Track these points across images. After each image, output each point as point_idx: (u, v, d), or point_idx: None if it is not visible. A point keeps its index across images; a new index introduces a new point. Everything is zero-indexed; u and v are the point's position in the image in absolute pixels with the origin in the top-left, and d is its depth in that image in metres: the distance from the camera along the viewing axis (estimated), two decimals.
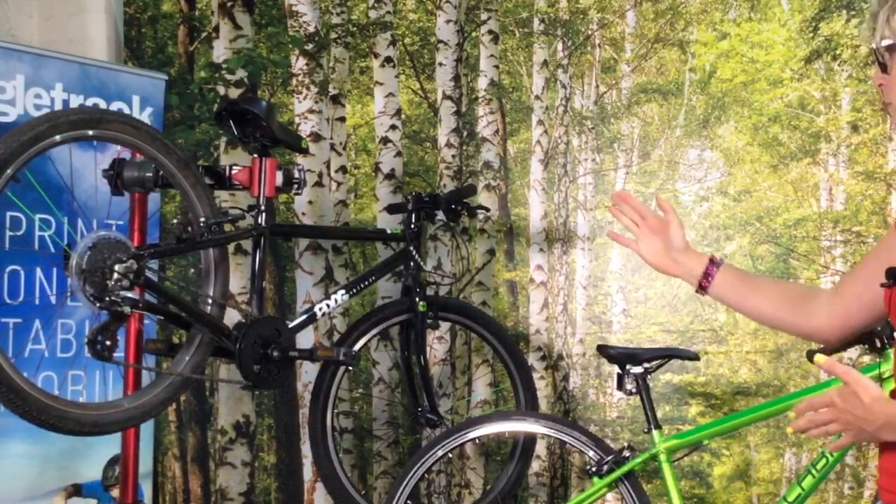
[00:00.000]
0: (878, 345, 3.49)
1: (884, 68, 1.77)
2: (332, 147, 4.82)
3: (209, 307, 2.93)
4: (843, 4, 4.87)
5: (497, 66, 5.20)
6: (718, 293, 2.11)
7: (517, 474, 3.71)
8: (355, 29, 4.95)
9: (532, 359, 5.03)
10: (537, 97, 5.24)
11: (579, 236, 5.27)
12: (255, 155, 3.08)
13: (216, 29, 4.61)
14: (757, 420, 3.33)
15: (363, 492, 4.27)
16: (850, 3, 4.86)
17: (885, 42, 1.74)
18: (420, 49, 5.19)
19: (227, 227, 2.97)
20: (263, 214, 3.07)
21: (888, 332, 3.42)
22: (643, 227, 2.22)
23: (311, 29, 4.77)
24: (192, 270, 4.37)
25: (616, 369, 3.47)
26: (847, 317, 1.97)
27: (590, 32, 5.32)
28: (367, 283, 3.52)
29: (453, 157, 5.06)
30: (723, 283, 2.10)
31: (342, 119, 4.89)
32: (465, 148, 5.10)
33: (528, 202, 5.23)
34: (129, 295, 2.58)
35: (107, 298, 2.57)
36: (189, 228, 2.86)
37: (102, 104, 3.82)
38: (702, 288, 2.12)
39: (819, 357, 1.73)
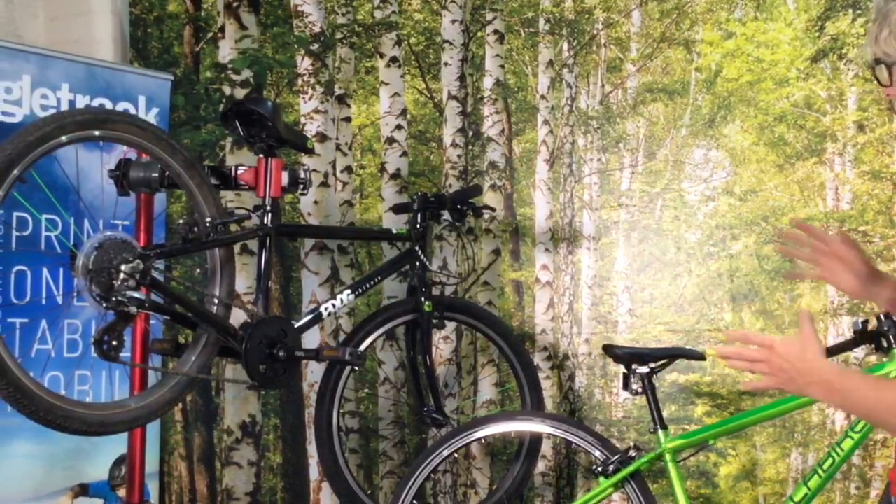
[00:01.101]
0: (885, 345, 3.49)
1: (887, 81, 1.79)
2: (338, 147, 4.82)
3: (215, 307, 2.93)
4: (849, 3, 4.86)
5: (502, 66, 5.20)
6: None
7: (523, 474, 3.71)
8: (361, 29, 4.95)
9: (538, 358, 5.03)
10: (543, 97, 5.24)
11: (585, 236, 5.26)
12: (261, 155, 3.08)
13: (222, 29, 4.61)
14: (763, 420, 3.32)
15: (369, 491, 4.27)
16: (856, 3, 4.85)
17: (877, 59, 1.78)
18: (425, 49, 5.19)
19: (233, 227, 2.97)
20: (269, 214, 3.07)
21: (893, 331, 3.42)
22: (828, 257, 2.11)
23: (317, 29, 4.77)
24: (198, 270, 4.38)
25: (622, 369, 3.47)
26: None
27: (595, 32, 5.31)
28: (372, 282, 3.52)
29: (459, 156, 5.06)
30: None
31: (348, 119, 4.89)
32: (470, 148, 5.10)
33: (534, 202, 5.23)
34: (136, 295, 2.59)
35: (113, 298, 2.57)
36: (195, 228, 2.86)
37: (108, 104, 3.82)
38: (888, 312, 2.12)
39: (802, 311, 1.80)
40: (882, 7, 1.75)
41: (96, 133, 2.61)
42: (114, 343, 2.60)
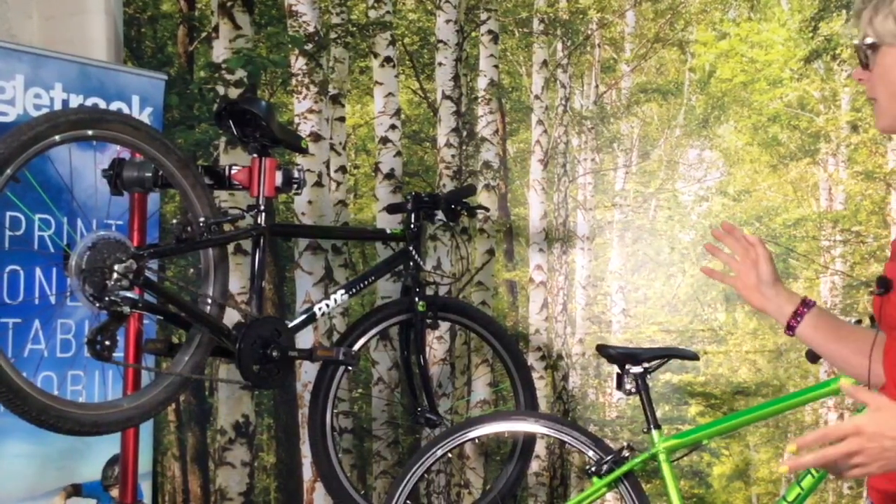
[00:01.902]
0: None
1: (866, 65, 1.80)
2: (332, 147, 4.82)
3: (209, 307, 2.92)
4: (842, 4, 4.87)
5: (497, 66, 5.21)
6: (804, 334, 2.06)
7: (517, 474, 3.71)
8: (355, 29, 4.95)
9: (531, 358, 5.03)
10: (537, 97, 5.24)
11: (579, 236, 5.27)
12: (255, 155, 3.08)
13: (216, 29, 4.61)
14: (756, 420, 3.33)
15: (363, 492, 4.27)
16: (850, 3, 4.86)
17: (868, 40, 1.77)
18: (420, 49, 5.19)
19: (227, 227, 2.96)
20: (263, 214, 3.07)
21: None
22: (744, 261, 2.13)
23: (311, 29, 4.77)
24: (192, 270, 4.37)
25: (615, 369, 3.47)
26: None
27: (589, 32, 5.32)
28: (366, 282, 3.52)
29: (453, 156, 5.06)
30: (811, 326, 2.05)
31: (342, 119, 4.89)
32: (464, 148, 5.10)
33: (528, 202, 5.23)
34: (129, 295, 2.58)
35: (106, 298, 2.57)
36: (188, 228, 2.86)
37: (102, 104, 3.81)
38: (789, 328, 2.07)
39: (845, 381, 1.66)
40: None
41: (90, 132, 2.60)
42: (107, 343, 2.59)
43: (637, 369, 3.39)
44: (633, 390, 3.39)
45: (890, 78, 1.79)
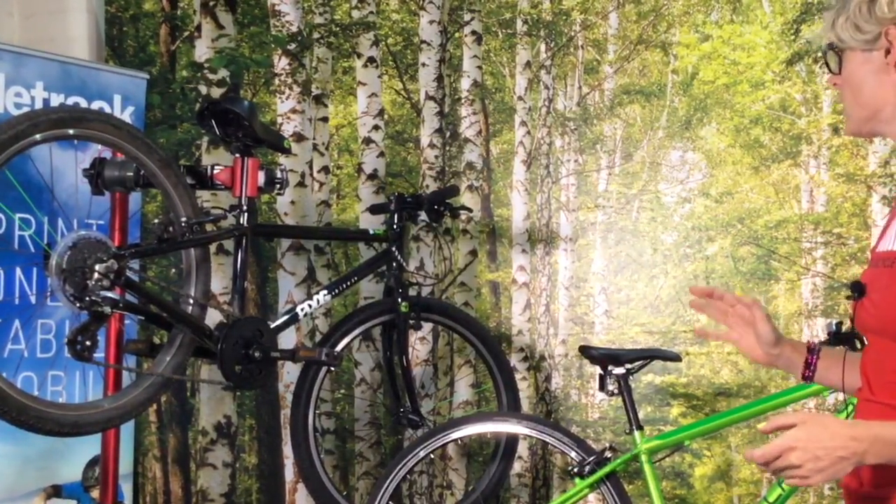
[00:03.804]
0: (859, 346, 3.52)
1: (834, 70, 1.82)
2: (315, 147, 4.81)
3: (190, 307, 2.91)
4: (824, 7, 4.89)
5: (480, 67, 5.21)
6: (821, 379, 2.06)
7: (499, 475, 3.70)
8: (338, 29, 4.94)
9: (514, 360, 5.04)
10: (520, 98, 5.25)
11: (562, 237, 5.28)
12: (238, 155, 3.06)
13: (198, 28, 4.59)
14: (738, 421, 3.33)
15: (345, 492, 4.26)
16: (832, 6, 4.88)
17: (831, 45, 1.80)
18: (403, 49, 5.19)
19: (209, 227, 2.95)
20: (245, 214, 3.05)
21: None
22: (734, 317, 2.09)
23: (294, 29, 4.75)
24: (174, 270, 4.36)
25: (598, 370, 3.47)
26: None
27: (573, 34, 5.33)
28: (349, 283, 3.51)
29: (436, 157, 5.06)
30: (824, 369, 2.04)
31: (325, 119, 4.88)
32: (447, 148, 5.10)
33: (511, 203, 5.23)
34: (110, 295, 2.57)
35: (87, 298, 2.55)
36: (170, 228, 2.84)
37: (83, 103, 3.79)
38: (805, 378, 2.07)
39: (762, 425, 1.71)
40: None
41: (71, 132, 2.58)
42: (87, 343, 2.57)
43: (619, 370, 3.40)
44: (616, 391, 3.39)
45: (852, 81, 1.81)
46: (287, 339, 4.35)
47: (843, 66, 1.80)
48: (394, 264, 3.53)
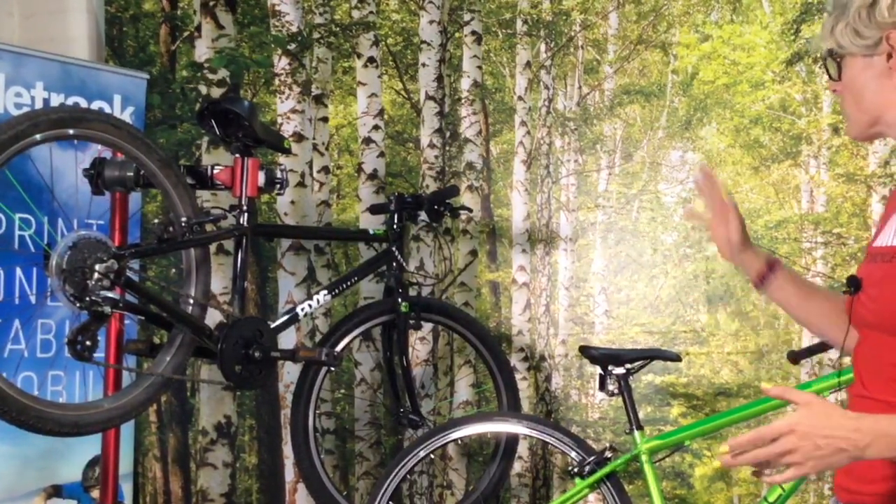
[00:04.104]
0: None
1: (835, 76, 1.84)
2: (315, 147, 4.81)
3: (190, 307, 2.91)
4: (823, 7, 4.89)
5: (480, 67, 5.21)
6: (772, 296, 2.18)
7: (499, 475, 3.70)
8: (338, 29, 4.94)
9: (514, 360, 5.04)
10: (520, 98, 5.25)
11: (562, 237, 5.28)
12: (238, 155, 3.07)
13: (198, 28, 4.59)
14: (738, 421, 3.34)
15: (345, 493, 4.26)
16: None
17: (831, 51, 1.81)
18: (403, 49, 5.19)
19: (209, 227, 2.95)
20: (245, 214, 3.05)
21: None
22: (718, 219, 2.24)
23: (294, 28, 4.75)
24: (174, 270, 4.36)
25: (598, 370, 3.48)
26: None
27: (573, 34, 5.33)
28: (349, 283, 3.51)
29: (436, 157, 5.06)
30: (778, 288, 2.15)
31: (325, 119, 4.88)
32: (447, 148, 5.10)
33: (511, 203, 5.23)
34: (110, 295, 2.57)
35: (87, 298, 2.55)
36: (170, 228, 2.85)
37: (83, 103, 3.79)
38: (755, 285, 2.20)
39: (766, 385, 1.69)
40: (840, 0, 1.79)
41: (71, 132, 2.59)
42: (88, 343, 2.57)
43: (619, 370, 3.40)
44: (616, 391, 3.40)
45: (853, 87, 1.82)
46: (287, 339, 4.35)
47: (843, 72, 1.80)
48: (394, 264, 3.54)
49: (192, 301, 2.91)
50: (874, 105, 1.81)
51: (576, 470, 3.38)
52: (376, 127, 4.96)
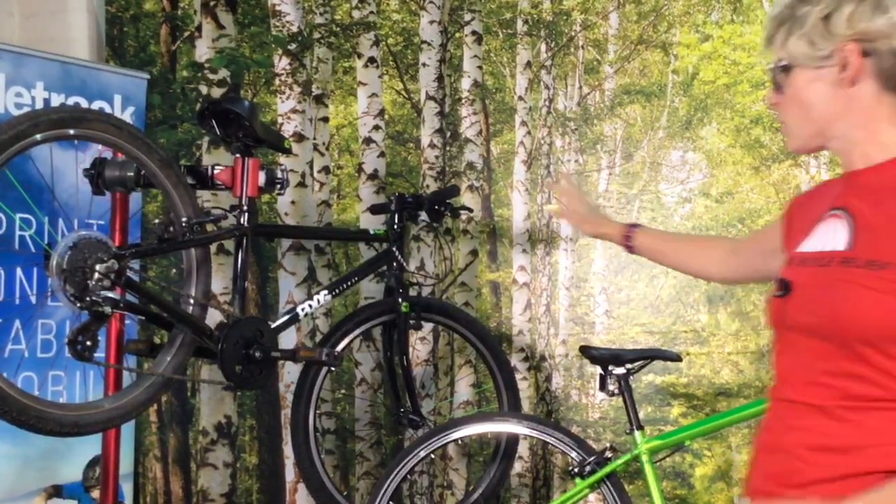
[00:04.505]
0: None
1: (780, 88, 1.87)
2: (315, 147, 4.81)
3: (191, 307, 2.91)
4: None
5: (480, 67, 5.21)
6: (642, 251, 2.55)
7: (500, 475, 3.71)
8: (339, 29, 4.94)
9: (515, 360, 5.04)
10: (520, 98, 5.25)
11: (562, 237, 5.27)
12: (238, 155, 3.07)
13: (199, 28, 4.59)
14: (738, 421, 3.34)
15: (345, 493, 4.26)
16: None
17: (782, 62, 1.84)
18: (403, 49, 5.19)
19: (210, 227, 2.95)
20: (246, 214, 3.06)
21: None
22: (570, 201, 2.72)
23: (295, 29, 4.76)
24: (174, 270, 4.36)
25: (598, 370, 3.48)
26: (736, 273, 2.36)
27: (573, 34, 5.33)
28: (349, 283, 3.51)
29: (436, 157, 5.06)
30: (644, 242, 2.54)
31: (325, 119, 4.88)
32: (448, 148, 5.10)
33: (511, 203, 5.23)
34: (110, 295, 2.57)
35: (87, 298, 2.55)
36: (171, 228, 2.85)
37: (84, 103, 3.80)
38: (627, 249, 2.58)
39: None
40: (794, 11, 1.83)
41: (71, 132, 2.59)
42: (88, 343, 2.58)
43: (620, 370, 3.40)
44: (616, 391, 3.40)
45: (801, 98, 1.85)
46: (287, 339, 4.35)
47: (790, 83, 1.85)
48: (394, 264, 3.54)
49: (192, 301, 2.91)
50: (823, 115, 1.84)
51: (576, 470, 3.38)
52: (377, 127, 4.96)
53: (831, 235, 1.82)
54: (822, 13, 1.79)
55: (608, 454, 3.34)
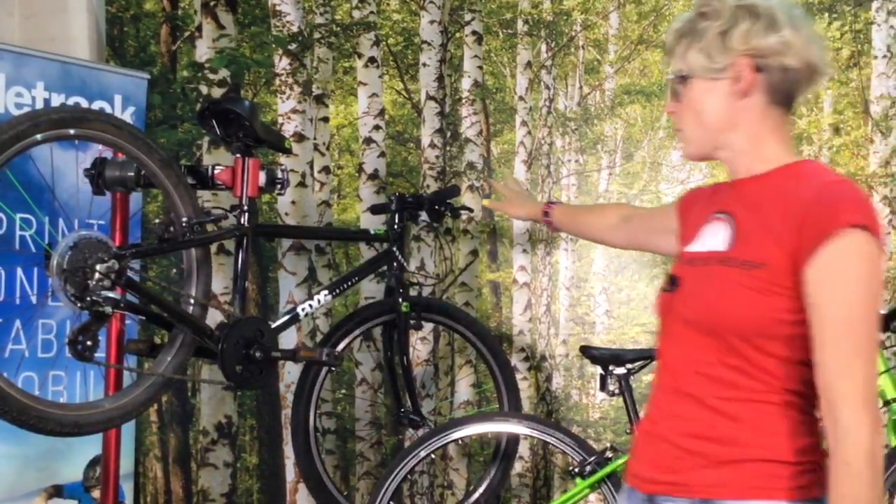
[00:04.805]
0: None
1: (677, 97, 2.03)
2: (316, 147, 4.81)
3: (191, 307, 2.92)
4: (825, 7, 4.89)
5: (481, 67, 5.21)
6: (560, 225, 2.88)
7: (500, 475, 3.71)
8: (339, 29, 4.94)
9: (515, 360, 5.04)
10: (521, 98, 5.25)
11: (563, 237, 5.27)
12: (238, 155, 3.07)
13: (199, 28, 4.59)
14: None
15: (345, 493, 4.26)
16: (832, 6, 4.88)
17: (682, 73, 1.99)
18: (404, 49, 5.19)
19: (210, 227, 2.96)
20: (246, 214, 3.06)
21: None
22: (510, 194, 3.15)
23: (295, 28, 4.76)
24: (174, 270, 4.36)
25: (599, 370, 3.48)
26: (625, 241, 2.61)
27: (573, 34, 5.33)
28: (350, 283, 3.52)
29: (437, 157, 5.06)
30: (559, 217, 2.86)
31: (325, 119, 4.88)
32: (448, 149, 5.10)
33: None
34: (111, 295, 2.57)
35: (88, 298, 2.55)
36: (171, 228, 2.86)
37: (84, 103, 3.80)
38: (547, 223, 2.89)
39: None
40: (694, 25, 1.98)
41: (71, 132, 2.59)
42: (88, 343, 2.58)
43: (620, 370, 3.41)
44: (617, 391, 3.40)
45: (696, 107, 1.99)
46: (288, 339, 4.35)
47: (687, 92, 2.00)
48: (394, 264, 3.54)
49: (192, 301, 2.92)
50: (715, 124, 1.99)
51: (577, 470, 3.38)
52: (377, 127, 4.96)
53: (714, 237, 1.98)
54: (720, 28, 1.94)
55: (609, 454, 3.34)
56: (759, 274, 1.87)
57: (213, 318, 3.02)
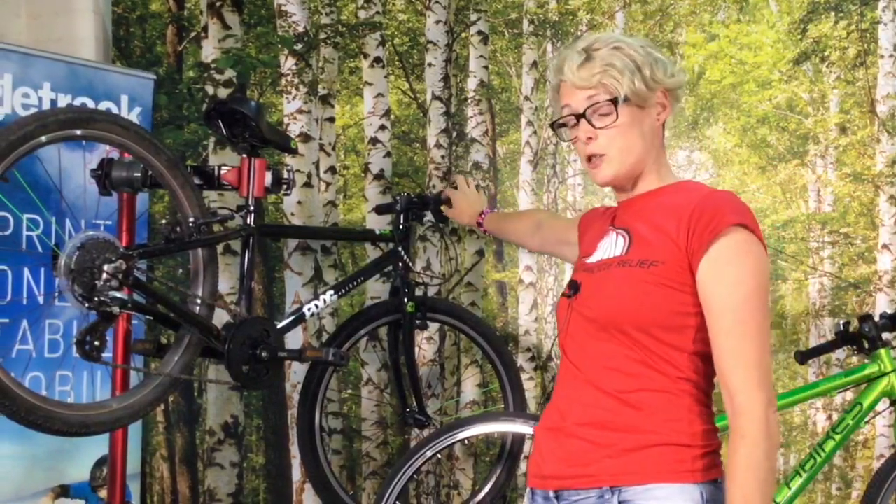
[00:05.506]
0: (866, 346, 3.51)
1: (607, 116, 2.17)
2: (321, 147, 4.82)
3: (198, 307, 2.92)
4: (831, 6, 4.89)
5: (486, 67, 5.21)
6: (491, 230, 3.20)
7: (505, 475, 3.71)
8: (344, 29, 4.94)
9: (521, 359, 5.04)
10: (526, 98, 5.25)
11: None
12: (244, 155, 3.07)
13: (205, 29, 4.60)
14: None
15: (352, 492, 4.27)
16: (839, 5, 4.87)
17: (623, 95, 2.15)
18: (409, 49, 5.19)
19: (216, 228, 2.96)
20: (252, 215, 3.06)
21: (874, 333, 3.44)
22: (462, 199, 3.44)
23: (301, 29, 4.76)
24: (181, 271, 4.36)
25: None
26: (539, 246, 2.91)
27: (579, 34, 5.32)
28: (355, 283, 3.52)
29: (442, 157, 5.06)
30: (491, 228, 3.18)
31: (331, 119, 4.89)
32: (454, 149, 5.10)
33: (518, 203, 5.23)
34: (118, 295, 2.58)
35: (95, 298, 2.56)
36: (178, 228, 2.86)
37: (90, 104, 3.80)
38: (482, 229, 3.24)
39: None
40: (636, 53, 2.18)
41: (78, 132, 2.59)
42: (96, 343, 2.58)
43: None
44: None
45: (623, 131, 2.18)
46: (294, 339, 4.36)
47: (623, 115, 2.16)
48: (400, 264, 3.54)
49: (199, 301, 2.92)
50: (638, 150, 2.20)
51: None
52: (383, 127, 4.96)
53: (612, 247, 2.15)
54: (653, 61, 2.20)
55: None
56: (656, 270, 2.04)
57: (220, 318, 3.03)
